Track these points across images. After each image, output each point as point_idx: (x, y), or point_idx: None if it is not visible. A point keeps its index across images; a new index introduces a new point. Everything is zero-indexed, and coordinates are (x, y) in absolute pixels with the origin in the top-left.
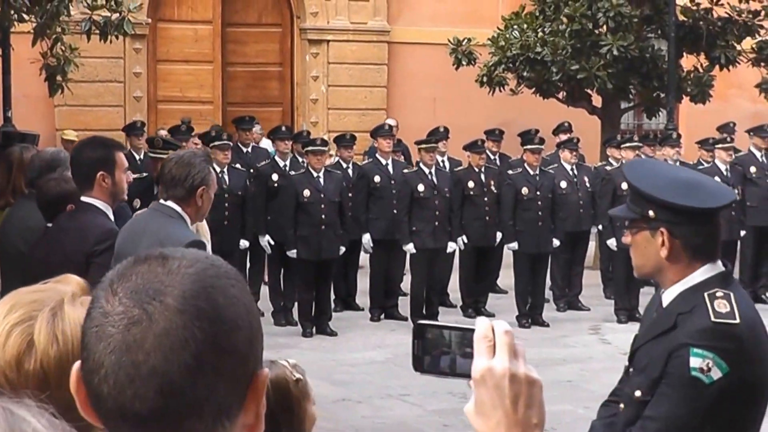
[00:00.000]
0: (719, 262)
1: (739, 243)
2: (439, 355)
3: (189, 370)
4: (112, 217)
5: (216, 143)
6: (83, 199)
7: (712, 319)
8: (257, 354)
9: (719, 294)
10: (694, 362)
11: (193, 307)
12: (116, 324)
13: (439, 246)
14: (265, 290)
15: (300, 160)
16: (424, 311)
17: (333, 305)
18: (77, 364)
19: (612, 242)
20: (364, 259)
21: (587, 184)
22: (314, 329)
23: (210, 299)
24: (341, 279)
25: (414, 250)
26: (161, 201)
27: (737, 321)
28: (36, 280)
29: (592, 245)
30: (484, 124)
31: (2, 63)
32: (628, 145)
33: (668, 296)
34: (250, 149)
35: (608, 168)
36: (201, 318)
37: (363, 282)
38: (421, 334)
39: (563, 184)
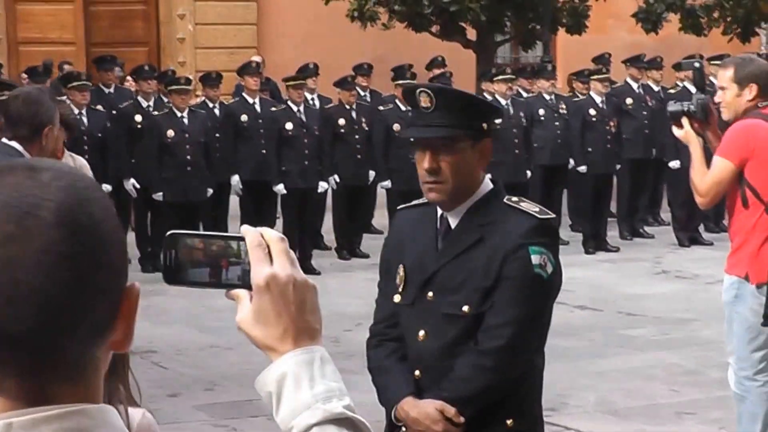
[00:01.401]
0: None
1: (615, 176)
2: (223, 266)
3: (69, 287)
4: None
5: (74, 84)
6: None
7: (539, 216)
8: (127, 268)
9: (515, 198)
10: (535, 259)
11: (71, 221)
12: None
13: (309, 186)
14: (132, 236)
15: (165, 100)
16: (296, 254)
17: None
18: None
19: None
20: (234, 201)
21: None
22: None
23: (87, 212)
24: (211, 223)
25: (284, 191)
26: (3, 140)
27: (554, 215)
28: None
29: None
30: (358, 60)
31: None
32: (500, 77)
33: (455, 215)
34: (112, 90)
35: None
36: (80, 232)
37: (234, 225)
38: (175, 245)
39: None
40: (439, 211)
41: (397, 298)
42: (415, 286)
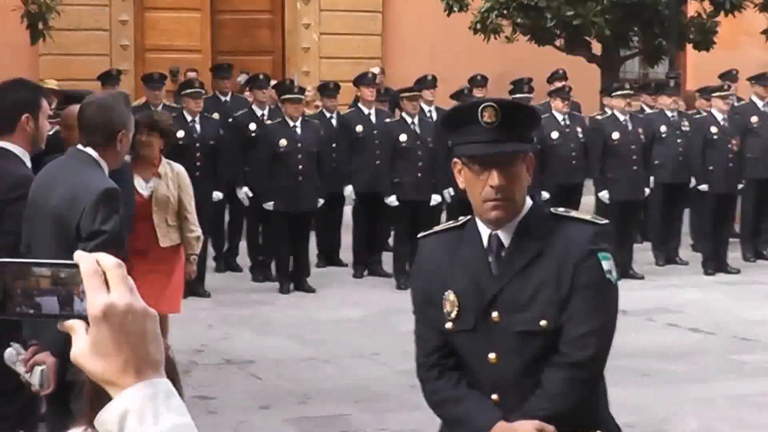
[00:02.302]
0: None
1: (738, 196)
2: (76, 294)
3: None
4: (29, 164)
5: (188, 91)
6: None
7: (599, 222)
8: None
9: (561, 209)
10: (605, 265)
11: None
12: None
13: (422, 198)
14: (243, 246)
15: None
16: (407, 267)
17: (316, 260)
18: None
19: (604, 195)
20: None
21: (579, 135)
22: (292, 285)
23: None
24: (324, 233)
25: (396, 203)
26: (78, 147)
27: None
28: None
29: (589, 199)
30: (481, 72)
31: None
32: (618, 93)
33: (507, 232)
34: (228, 98)
35: (599, 117)
36: None
37: (347, 236)
38: (2, 274)
39: (554, 135)
40: (485, 231)
41: (449, 326)
42: (474, 310)
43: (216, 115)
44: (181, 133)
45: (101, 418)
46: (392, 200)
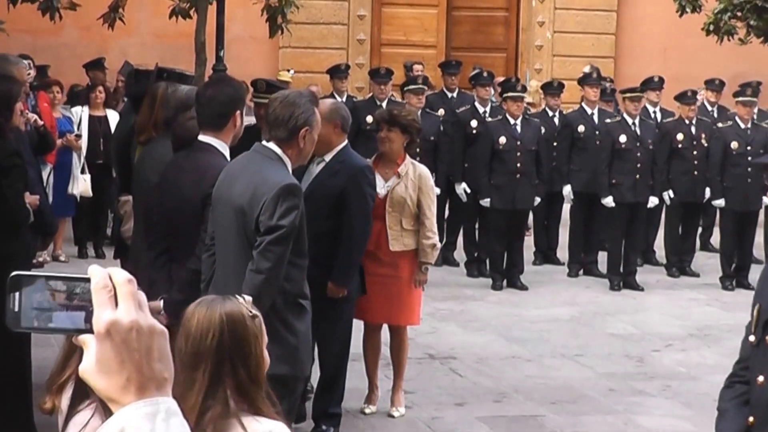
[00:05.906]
0: None
1: None
2: (58, 308)
3: None
4: (228, 158)
5: (410, 87)
6: (201, 139)
7: None
8: None
9: None
10: None
11: None
12: None
13: (639, 200)
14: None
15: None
16: (621, 269)
17: (533, 258)
18: None
19: None
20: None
21: None
22: (505, 282)
23: None
24: (542, 232)
25: (612, 204)
26: (263, 142)
27: None
28: (154, 221)
29: None
30: (715, 75)
31: (217, 2)
32: None
33: None
34: (455, 94)
35: None
36: None
37: (567, 235)
38: (18, 287)
39: None
40: None
41: (751, 338)
42: (761, 326)
43: (441, 111)
44: None
45: None
46: (608, 201)
